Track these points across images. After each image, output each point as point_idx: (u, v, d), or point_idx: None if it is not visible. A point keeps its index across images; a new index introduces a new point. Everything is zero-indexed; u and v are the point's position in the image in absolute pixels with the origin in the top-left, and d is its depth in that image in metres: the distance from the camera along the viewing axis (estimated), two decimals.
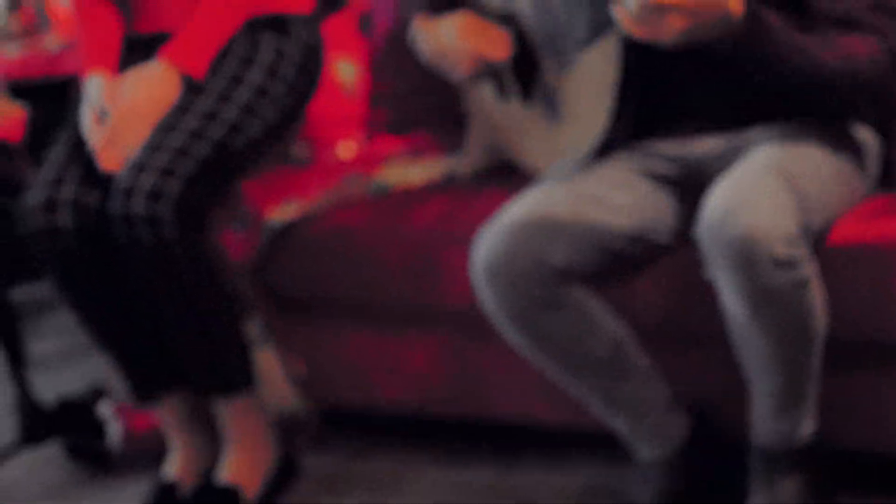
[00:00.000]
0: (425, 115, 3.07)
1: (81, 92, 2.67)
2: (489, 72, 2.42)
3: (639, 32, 2.04)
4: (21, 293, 3.52)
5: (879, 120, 2.25)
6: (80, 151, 2.60)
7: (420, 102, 3.07)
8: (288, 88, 2.64)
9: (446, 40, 2.40)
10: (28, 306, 3.95)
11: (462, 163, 2.84)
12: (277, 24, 2.68)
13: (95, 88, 2.62)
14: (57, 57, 3.59)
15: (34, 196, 2.54)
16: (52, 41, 3.63)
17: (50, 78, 3.58)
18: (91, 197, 2.54)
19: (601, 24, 2.23)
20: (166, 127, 2.52)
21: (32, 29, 3.77)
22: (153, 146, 2.49)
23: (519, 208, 2.25)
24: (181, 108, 2.55)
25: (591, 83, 2.31)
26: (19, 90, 3.54)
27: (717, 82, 2.24)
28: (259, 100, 2.60)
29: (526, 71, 2.45)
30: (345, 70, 3.15)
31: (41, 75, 3.60)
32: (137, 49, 2.72)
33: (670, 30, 2.01)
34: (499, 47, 2.38)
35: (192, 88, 2.58)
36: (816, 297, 2.07)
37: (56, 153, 2.62)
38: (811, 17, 2.14)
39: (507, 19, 2.43)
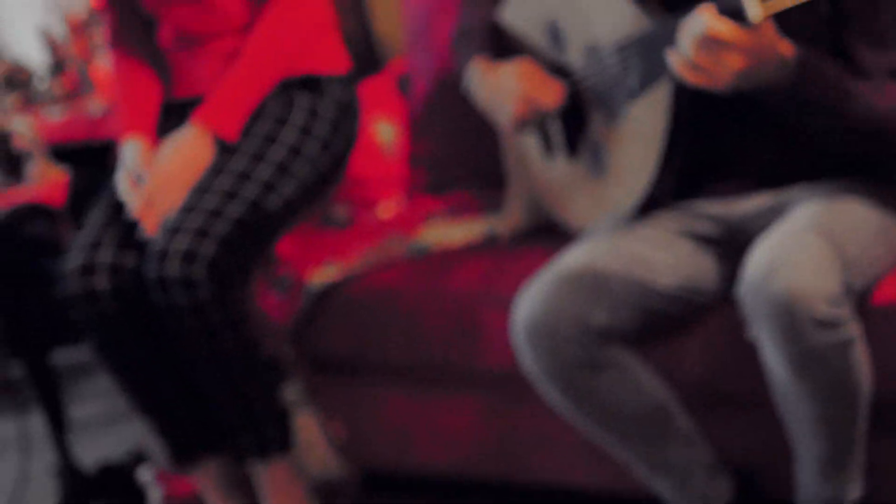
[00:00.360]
0: (465, 175, 3.06)
1: (119, 156, 2.68)
2: (538, 122, 2.41)
3: (694, 78, 2.02)
4: (61, 357, 3.52)
5: None
6: (117, 215, 2.61)
7: (459, 162, 3.07)
8: (322, 148, 2.64)
9: (504, 83, 2.40)
10: (68, 370, 3.96)
11: (502, 222, 2.82)
12: (312, 83, 2.68)
13: (132, 153, 2.63)
14: (99, 120, 3.60)
15: (72, 260, 2.55)
16: (94, 104, 3.65)
17: (92, 141, 3.60)
18: (128, 260, 2.54)
19: (652, 73, 2.21)
20: (200, 189, 2.52)
21: (75, 92, 3.80)
22: (187, 208, 2.49)
23: (560, 267, 2.24)
24: (215, 170, 2.55)
25: (638, 136, 2.30)
26: (62, 153, 3.56)
27: (765, 136, 2.22)
28: (293, 159, 2.59)
29: (574, 126, 2.45)
30: (384, 131, 3.15)
31: (83, 138, 3.61)
32: (175, 114, 2.74)
33: (726, 72, 1.99)
34: (552, 95, 2.38)
35: (225, 150, 2.58)
36: (861, 358, 2.03)
37: (94, 217, 2.63)
38: (858, 70, 2.12)
39: (560, 72, 2.43)
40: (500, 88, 2.42)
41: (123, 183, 2.60)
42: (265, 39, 2.61)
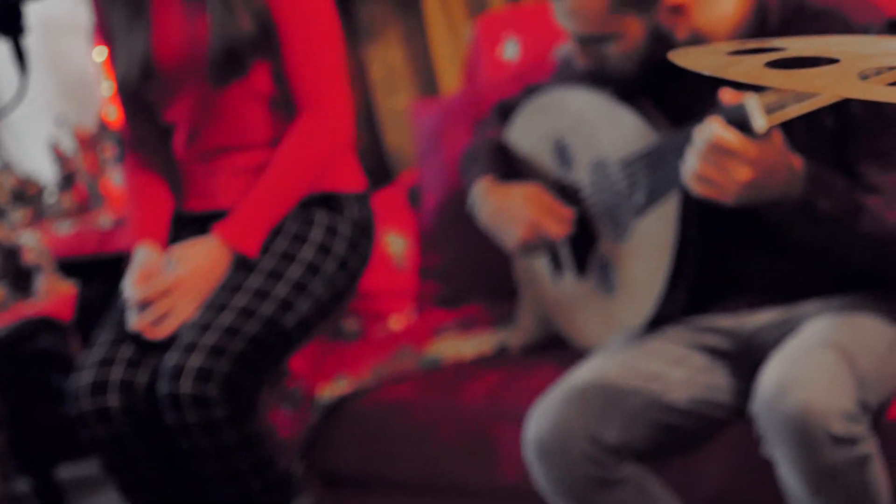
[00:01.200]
0: (475, 288, 3.06)
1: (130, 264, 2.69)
2: (544, 245, 2.42)
3: (702, 190, 2.03)
4: (67, 471, 3.50)
5: None
6: (127, 332, 2.59)
7: (470, 275, 3.07)
8: (339, 266, 2.64)
9: (510, 205, 2.40)
10: (74, 484, 3.93)
11: (513, 336, 2.82)
12: (330, 201, 2.69)
13: (143, 257, 2.63)
14: (108, 234, 3.62)
15: (83, 377, 2.53)
16: (104, 219, 3.67)
17: (101, 255, 3.61)
18: (140, 378, 2.53)
19: (659, 189, 2.23)
20: (217, 306, 2.51)
21: (85, 206, 3.82)
22: (203, 325, 2.48)
23: (571, 383, 2.22)
24: (232, 287, 2.55)
25: (646, 253, 2.30)
26: (70, 267, 3.57)
27: (773, 253, 2.22)
28: (310, 277, 2.59)
29: (582, 243, 2.45)
30: (394, 243, 3.16)
31: (92, 253, 3.62)
32: (186, 226, 2.75)
33: (734, 183, 2.00)
34: (560, 224, 2.38)
35: (243, 265, 2.58)
36: (878, 475, 2.01)
37: (105, 333, 2.62)
38: (863, 186, 2.13)
39: (570, 194, 2.44)
40: (507, 211, 2.42)
41: (131, 280, 2.59)
42: (291, 158, 2.62)
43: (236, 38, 2.55)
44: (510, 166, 2.55)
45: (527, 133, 2.54)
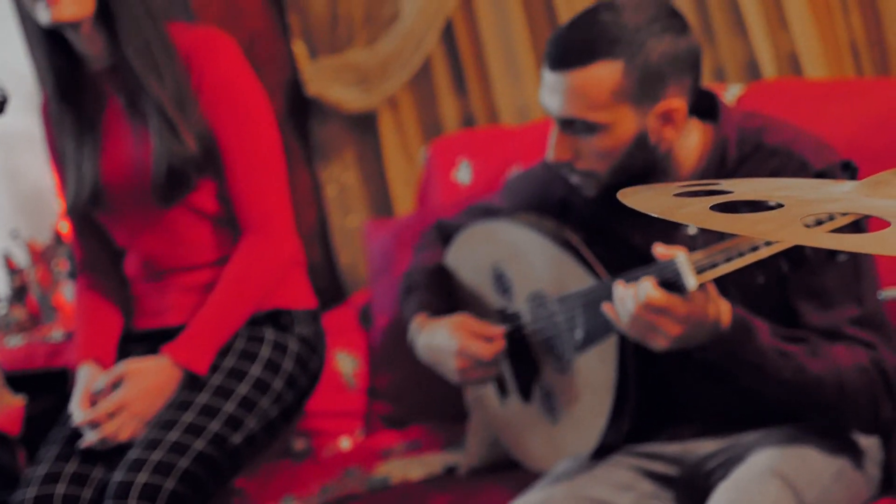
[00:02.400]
0: (425, 409, 3.07)
1: (74, 381, 2.68)
2: (483, 369, 2.42)
3: (632, 334, 2.07)
4: None
5: (870, 428, 2.24)
6: (73, 448, 2.59)
7: (419, 396, 3.08)
8: (287, 383, 2.65)
9: (440, 339, 2.42)
10: None
11: (463, 458, 2.82)
12: (279, 318, 2.71)
13: (87, 375, 2.63)
14: (59, 348, 3.60)
15: (28, 492, 2.52)
16: (55, 332, 3.65)
17: (50, 369, 3.59)
18: (86, 493, 2.52)
19: (596, 331, 2.25)
20: (165, 423, 2.51)
21: (36, 320, 3.80)
22: (150, 442, 2.48)
23: None
24: (180, 404, 2.55)
25: (588, 386, 2.32)
26: (19, 380, 3.55)
27: (711, 386, 2.25)
28: (258, 394, 2.60)
29: (526, 370, 2.46)
30: (345, 362, 3.17)
31: (42, 366, 3.60)
32: (134, 342, 2.75)
33: (661, 336, 2.05)
34: (490, 346, 2.39)
35: (192, 383, 2.58)
36: None
37: (51, 449, 2.61)
38: (801, 330, 2.17)
39: (509, 318, 2.45)
40: (438, 345, 2.43)
41: (76, 400, 2.59)
42: (237, 278, 2.64)
43: (179, 159, 2.57)
44: (449, 293, 2.57)
45: (466, 259, 2.56)
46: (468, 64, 3.56)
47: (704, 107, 2.25)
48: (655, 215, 1.23)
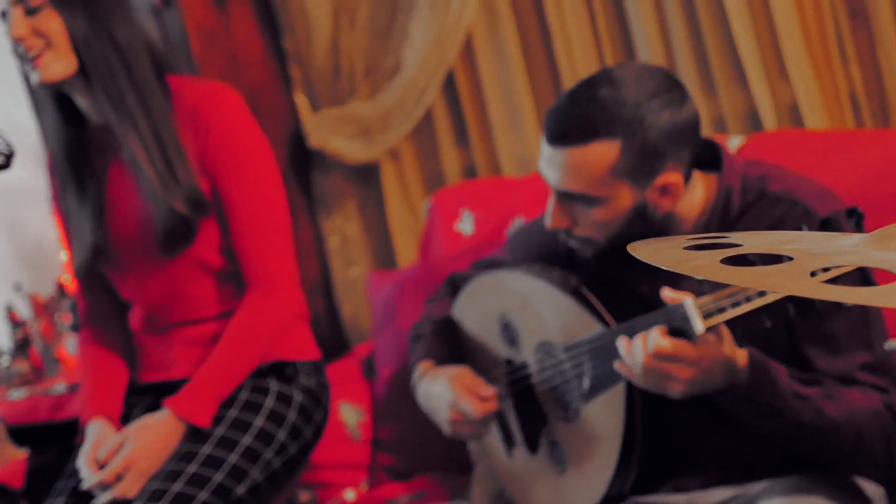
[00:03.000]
0: (429, 460, 3.07)
1: (81, 439, 2.68)
2: (475, 426, 2.42)
3: (647, 385, 2.08)
4: None
5: (885, 473, 2.24)
6: (78, 501, 2.59)
7: (424, 447, 3.07)
8: (291, 435, 2.66)
9: (437, 388, 2.43)
10: None
11: None
12: (283, 369, 2.71)
13: (95, 434, 2.63)
14: (62, 400, 3.60)
15: None
16: (58, 385, 3.65)
17: (53, 422, 3.59)
18: None
19: (604, 380, 2.26)
20: (168, 475, 2.52)
21: (39, 373, 3.81)
22: (155, 496, 2.48)
23: None
24: (184, 456, 2.55)
25: (595, 436, 2.32)
26: (22, 433, 3.55)
27: (722, 434, 2.25)
28: (262, 445, 2.60)
29: (532, 421, 2.46)
30: (348, 413, 3.17)
31: (45, 420, 3.60)
32: (139, 394, 2.76)
33: (675, 382, 2.05)
34: (482, 405, 2.39)
35: (195, 435, 2.59)
36: None
37: (55, 502, 2.61)
38: (814, 375, 2.17)
39: (517, 368, 2.46)
40: (434, 394, 2.45)
41: (84, 461, 2.60)
42: (242, 332, 2.65)
43: (170, 214, 2.58)
44: (456, 344, 2.58)
45: (473, 309, 2.57)
46: (469, 115, 3.58)
47: (707, 157, 2.26)
48: (666, 269, 1.24)
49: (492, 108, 3.52)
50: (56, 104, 2.66)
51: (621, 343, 2.10)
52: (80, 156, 2.68)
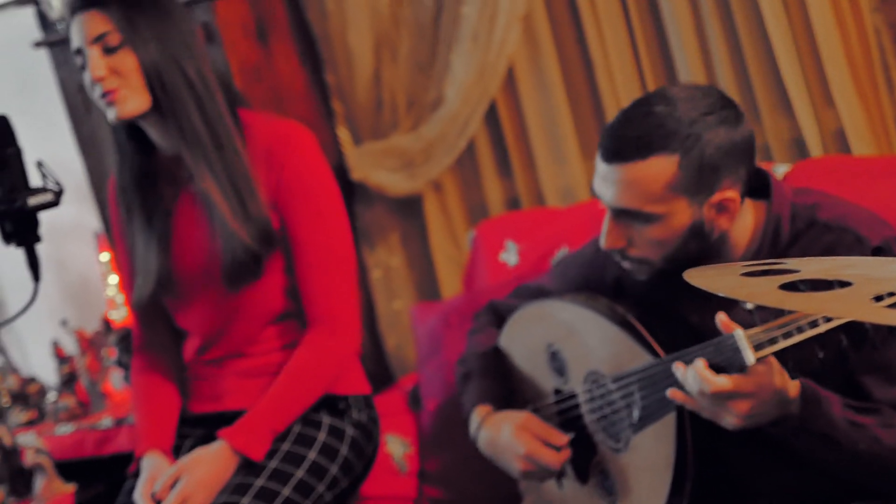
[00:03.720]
0: (476, 492, 3.05)
1: (134, 468, 2.69)
2: (547, 473, 2.41)
3: (705, 414, 2.08)
4: None
5: None
6: None
7: (470, 479, 3.06)
8: (343, 469, 2.66)
9: (504, 439, 2.42)
10: None
11: None
12: (335, 403, 2.72)
13: (151, 467, 2.64)
14: (108, 435, 3.62)
15: None
16: (104, 420, 3.67)
17: (100, 457, 3.60)
18: None
19: (655, 410, 2.25)
20: None
21: (86, 408, 3.82)
22: None
23: None
24: (237, 488, 2.56)
25: (646, 466, 2.31)
26: (70, 468, 3.56)
27: (776, 464, 2.24)
28: (315, 479, 2.61)
29: (582, 451, 2.45)
30: (394, 445, 3.16)
31: (92, 454, 3.62)
32: (191, 425, 2.77)
33: (732, 415, 2.04)
34: (557, 455, 2.39)
35: (248, 467, 2.59)
36: None
37: None
38: (871, 404, 2.15)
39: (565, 398, 2.45)
40: (501, 444, 2.44)
41: (140, 496, 2.61)
42: (302, 370, 2.66)
43: (239, 248, 2.60)
44: (504, 376, 2.57)
45: (520, 339, 2.56)
46: (512, 146, 3.58)
47: (756, 185, 2.26)
48: (723, 295, 1.23)
49: (534, 139, 3.52)
50: (127, 134, 2.68)
51: (678, 369, 2.09)
52: (148, 186, 2.71)
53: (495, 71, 3.43)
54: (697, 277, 1.27)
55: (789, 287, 1.21)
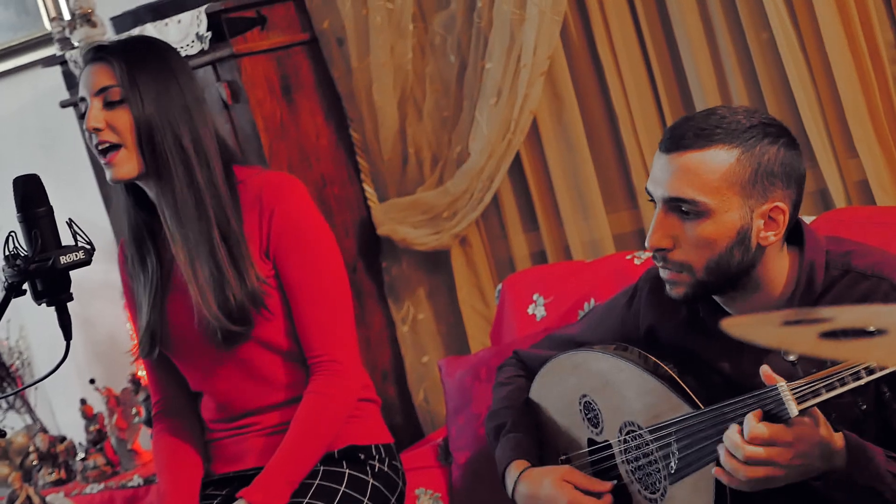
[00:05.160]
0: None
1: None
2: None
3: (748, 488, 2.08)
4: None
5: None
6: None
7: None
8: None
9: (544, 491, 2.42)
10: None
11: None
12: (356, 453, 2.72)
13: None
14: (138, 493, 3.62)
15: None
16: (133, 479, 3.67)
17: None
18: None
19: (693, 462, 2.24)
20: None
21: (114, 466, 3.83)
22: None
23: None
24: None
25: None
26: None
27: None
28: None
29: (617, 499, 2.45)
30: (425, 499, 3.16)
31: None
32: (213, 487, 2.77)
33: (775, 466, 2.03)
34: (596, 502, 2.39)
35: None
36: None
37: None
38: None
39: (599, 449, 2.45)
40: (542, 499, 2.44)
41: None
42: (309, 420, 2.67)
43: (221, 320, 2.62)
44: (537, 427, 2.57)
45: (552, 390, 2.56)
46: (537, 199, 3.61)
47: (789, 233, 2.26)
48: (763, 345, 1.24)
49: (559, 193, 3.54)
50: (127, 189, 2.71)
51: (732, 432, 2.08)
52: (144, 239, 2.73)
53: (519, 126, 3.45)
54: (736, 327, 1.28)
55: (830, 336, 1.21)
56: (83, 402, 3.93)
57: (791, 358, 2.13)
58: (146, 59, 2.62)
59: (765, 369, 2.05)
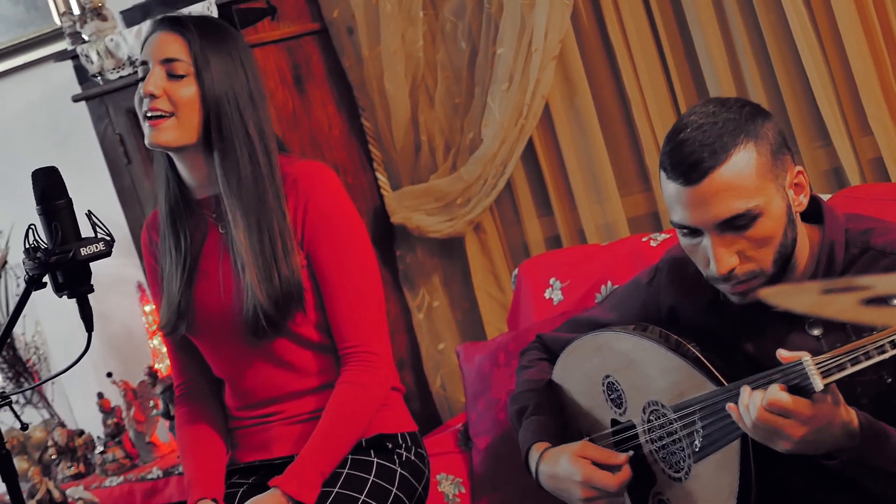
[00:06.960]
0: None
1: None
2: (613, 497, 2.42)
3: (755, 436, 2.08)
4: None
5: None
6: None
7: None
8: None
9: (562, 470, 2.43)
10: None
11: None
12: (383, 442, 2.73)
13: None
14: (157, 485, 3.63)
15: None
16: (152, 471, 3.68)
17: None
18: None
19: (717, 438, 2.25)
20: None
21: (133, 459, 3.83)
22: None
23: None
24: None
25: (708, 493, 2.31)
26: None
27: (841, 496, 2.23)
28: None
29: (641, 483, 2.45)
30: (446, 484, 3.17)
31: None
32: (239, 475, 2.78)
33: (785, 438, 2.04)
34: (617, 477, 2.39)
35: None
36: None
37: None
38: None
39: (623, 428, 2.46)
40: (560, 476, 2.44)
41: None
42: (341, 410, 2.67)
43: (265, 301, 2.62)
44: (559, 410, 2.58)
45: (575, 371, 2.57)
46: (551, 184, 3.61)
47: (808, 211, 2.27)
48: (801, 313, 1.25)
49: (573, 177, 3.54)
50: (168, 161, 2.71)
51: (745, 392, 2.09)
52: (182, 213, 2.73)
53: (531, 111, 3.46)
54: (776, 296, 1.28)
55: (873, 302, 1.21)
56: (100, 395, 3.94)
57: (816, 333, 2.13)
58: (221, 42, 2.64)
59: (781, 352, 2.05)
